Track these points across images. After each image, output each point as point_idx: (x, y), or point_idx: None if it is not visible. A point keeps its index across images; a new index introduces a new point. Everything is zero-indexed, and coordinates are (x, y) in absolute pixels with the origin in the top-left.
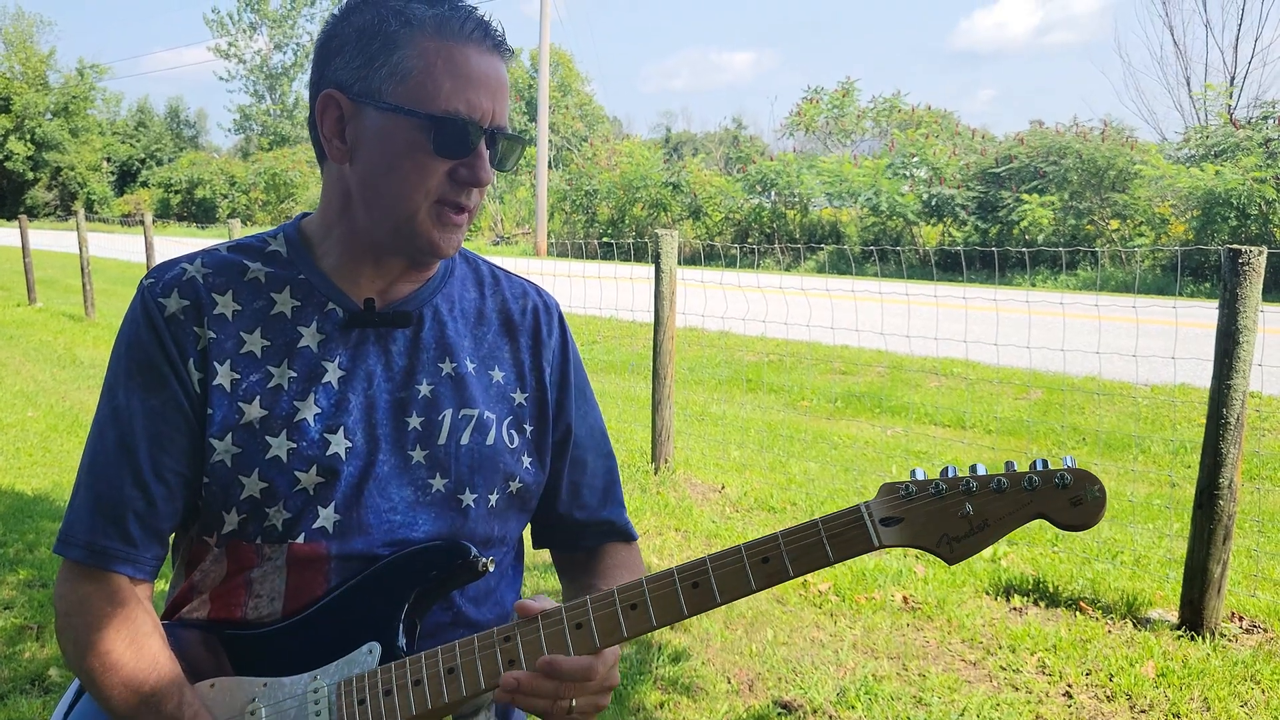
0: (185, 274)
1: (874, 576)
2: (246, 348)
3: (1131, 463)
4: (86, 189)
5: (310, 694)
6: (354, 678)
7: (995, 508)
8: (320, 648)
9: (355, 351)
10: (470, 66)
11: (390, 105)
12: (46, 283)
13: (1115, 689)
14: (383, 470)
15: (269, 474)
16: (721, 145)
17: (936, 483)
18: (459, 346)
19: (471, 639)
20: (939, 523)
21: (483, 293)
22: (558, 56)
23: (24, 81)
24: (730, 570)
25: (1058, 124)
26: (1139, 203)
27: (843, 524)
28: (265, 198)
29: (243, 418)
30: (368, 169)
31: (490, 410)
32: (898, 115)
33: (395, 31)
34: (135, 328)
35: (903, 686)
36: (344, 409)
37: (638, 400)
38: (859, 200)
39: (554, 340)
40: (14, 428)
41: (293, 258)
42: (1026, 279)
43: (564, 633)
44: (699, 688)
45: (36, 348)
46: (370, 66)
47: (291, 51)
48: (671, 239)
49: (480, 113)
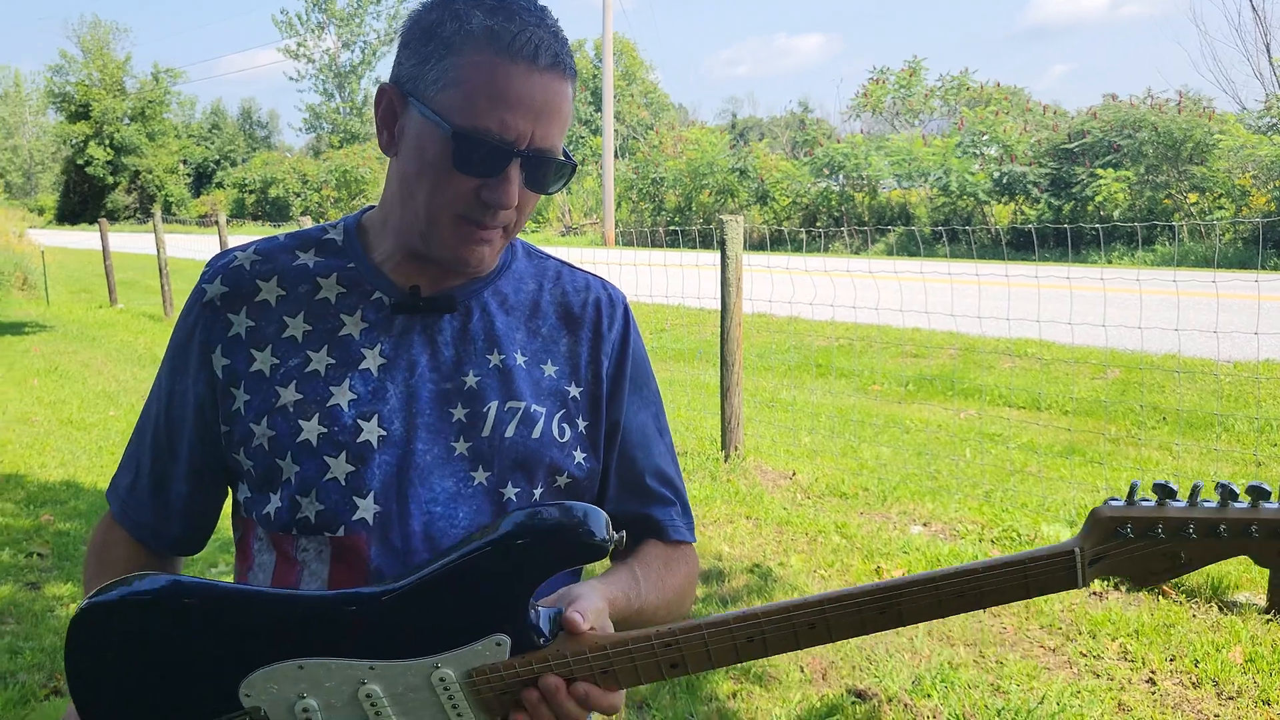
0: (234, 261)
1: (949, 562)
2: (288, 332)
3: (1214, 442)
4: (164, 191)
5: (440, 691)
6: (485, 666)
7: (1204, 552)
8: (432, 634)
9: (399, 340)
10: (513, 86)
11: (429, 110)
12: (127, 284)
13: (1201, 675)
14: (424, 460)
15: (300, 457)
16: (788, 129)
17: (1157, 527)
18: (509, 339)
19: (624, 639)
20: (1143, 562)
21: (541, 286)
22: (621, 45)
23: (102, 88)
24: (923, 602)
25: (1132, 97)
26: (1218, 174)
27: (1050, 563)
28: (337, 195)
29: (278, 401)
30: (405, 166)
31: (539, 404)
32: (966, 93)
33: (450, 36)
34: (183, 310)
35: (979, 674)
36: (381, 397)
37: (707, 388)
38: (928, 180)
39: (614, 334)
40: (97, 427)
41: (346, 247)
42: (1102, 256)
43: (733, 647)
44: (772, 677)
45: (118, 348)
46: (424, 66)
47: (359, 50)
48: (736, 225)
49: (515, 134)
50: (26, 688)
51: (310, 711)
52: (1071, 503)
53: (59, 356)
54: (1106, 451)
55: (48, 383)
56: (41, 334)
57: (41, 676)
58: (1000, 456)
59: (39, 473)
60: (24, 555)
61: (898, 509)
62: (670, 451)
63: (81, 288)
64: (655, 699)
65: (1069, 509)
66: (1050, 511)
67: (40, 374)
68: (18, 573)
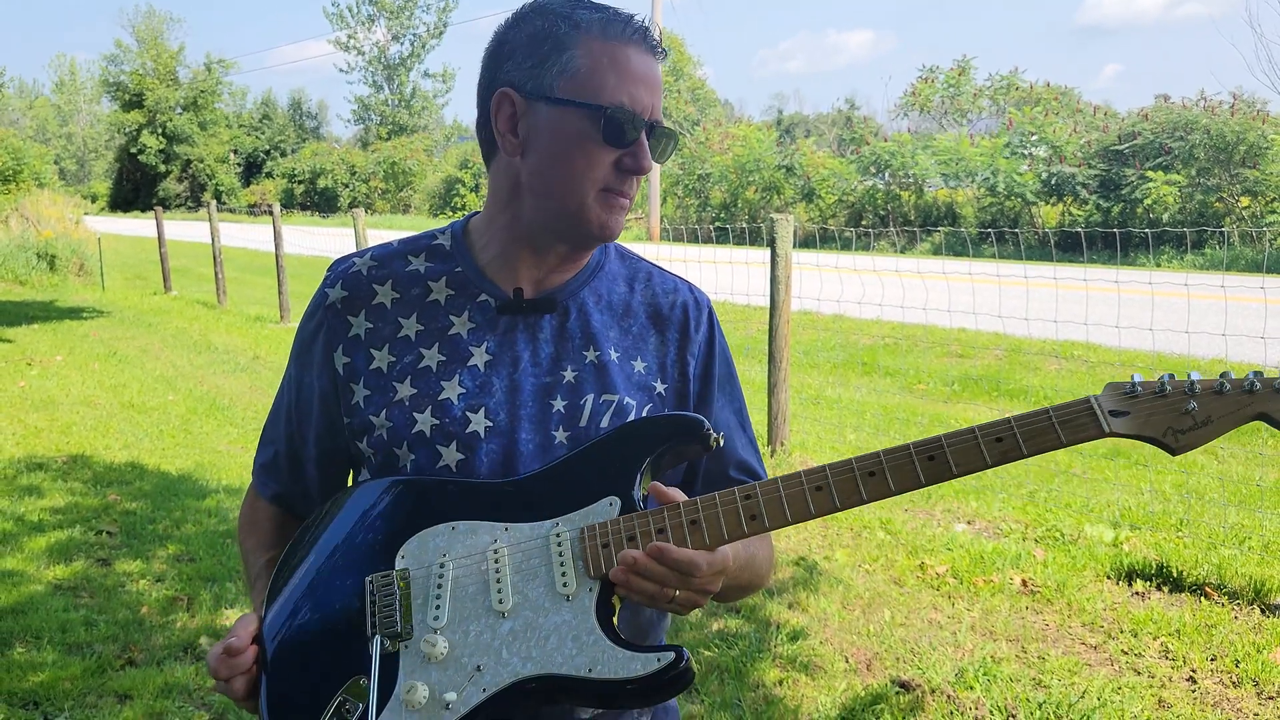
0: (353, 267)
1: (992, 560)
2: (403, 332)
3: (1261, 446)
4: (215, 180)
5: (553, 537)
6: (595, 525)
7: (1217, 406)
8: (557, 500)
9: (504, 338)
10: (632, 64)
11: (561, 99)
12: (180, 272)
13: (1241, 674)
14: (527, 449)
15: (415, 447)
16: (834, 127)
17: (1161, 382)
18: (604, 336)
19: (713, 495)
20: (1164, 417)
21: (632, 288)
22: (669, 41)
23: (155, 78)
24: (965, 447)
25: (1184, 99)
26: (1271, 178)
27: (1073, 412)
28: (385, 186)
29: (395, 395)
30: (539, 160)
31: (630, 396)
32: (1015, 93)
33: (565, 34)
34: (307, 310)
35: (1022, 669)
36: (487, 390)
37: (753, 384)
38: (975, 180)
39: (701, 335)
40: (156, 410)
41: (454, 251)
42: (1150, 259)
43: (804, 494)
44: (817, 666)
45: (174, 334)
46: (542, 66)
47: (408, 42)
48: (787, 223)
49: (641, 106)
50: (103, 658)
51: (445, 568)
52: (1115, 504)
53: (117, 341)
54: (1151, 454)
55: (108, 367)
56: (99, 319)
57: (116, 648)
58: (1045, 457)
59: (104, 454)
60: (94, 533)
61: (942, 507)
62: (752, 444)
63: (136, 274)
64: (704, 685)
65: (1113, 510)
66: (1094, 512)
67: (100, 358)
68: (88, 549)
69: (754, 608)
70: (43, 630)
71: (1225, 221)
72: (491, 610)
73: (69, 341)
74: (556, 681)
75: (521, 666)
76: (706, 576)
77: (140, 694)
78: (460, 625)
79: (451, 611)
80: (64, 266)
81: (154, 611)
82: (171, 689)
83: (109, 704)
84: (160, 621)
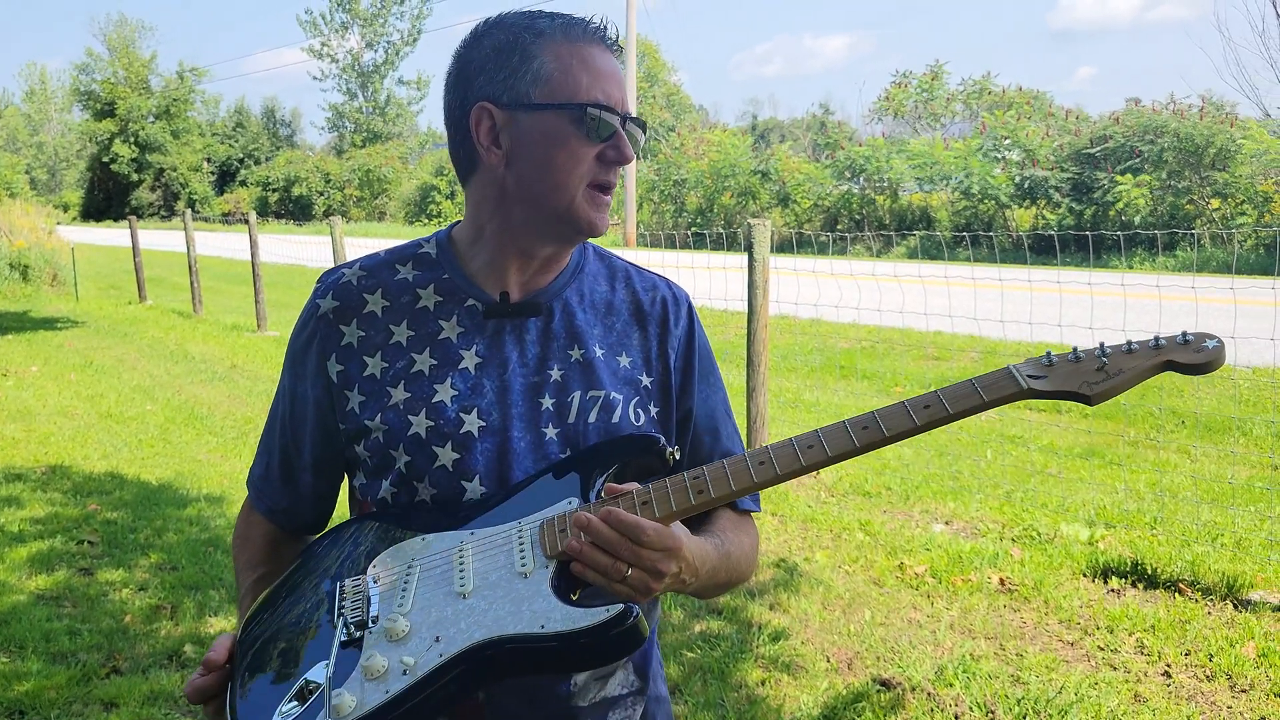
0: (343, 278)
1: (970, 559)
2: (394, 339)
3: (1232, 445)
4: (188, 189)
5: (515, 532)
6: (555, 517)
7: (1127, 361)
8: (522, 508)
9: (492, 341)
10: (598, 62)
11: (539, 104)
12: (155, 281)
13: (1215, 669)
14: (519, 446)
15: (411, 449)
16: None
17: (1075, 352)
18: (588, 334)
19: (664, 479)
20: (1079, 375)
21: (613, 286)
22: (644, 47)
23: (127, 86)
24: (896, 413)
25: (1154, 102)
26: (1240, 180)
27: (994, 378)
28: (359, 194)
29: (390, 399)
30: (526, 165)
31: (617, 391)
32: (988, 97)
33: (529, 43)
34: (299, 321)
35: (1000, 666)
36: (479, 392)
37: (731, 388)
38: (949, 184)
39: (680, 329)
40: (135, 420)
41: (440, 259)
42: (1123, 261)
43: (747, 467)
44: (799, 666)
45: (150, 344)
46: (514, 76)
47: (382, 50)
48: (764, 228)
49: (614, 101)
50: (87, 667)
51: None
52: (1091, 503)
53: (93, 351)
54: (1125, 454)
55: (84, 377)
56: (74, 329)
57: (100, 656)
58: (1021, 458)
59: (83, 464)
60: (75, 542)
61: (920, 508)
62: (736, 433)
63: (110, 284)
64: (688, 686)
65: (1088, 510)
66: (1070, 512)
67: (76, 369)
68: (70, 559)
69: (736, 609)
70: (26, 640)
71: (1196, 224)
72: (453, 593)
73: (44, 352)
74: (513, 642)
75: (476, 632)
76: (656, 548)
77: (126, 702)
78: (423, 609)
79: (416, 598)
80: (37, 277)
81: (137, 620)
82: (157, 696)
83: (95, 712)
84: (144, 630)
